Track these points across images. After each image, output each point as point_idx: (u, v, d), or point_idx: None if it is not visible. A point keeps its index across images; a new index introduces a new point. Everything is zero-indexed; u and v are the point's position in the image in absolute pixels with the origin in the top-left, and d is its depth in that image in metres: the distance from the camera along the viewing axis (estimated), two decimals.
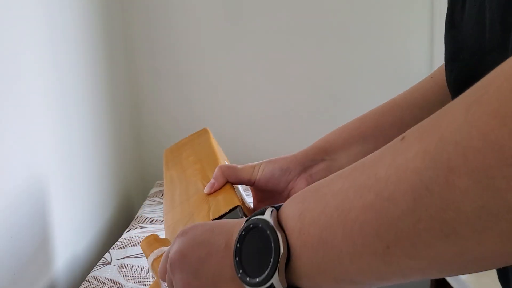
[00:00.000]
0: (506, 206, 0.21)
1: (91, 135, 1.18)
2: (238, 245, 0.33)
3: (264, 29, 1.60)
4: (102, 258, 0.95)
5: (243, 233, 0.32)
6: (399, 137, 0.26)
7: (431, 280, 1.51)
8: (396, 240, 0.24)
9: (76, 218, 1.06)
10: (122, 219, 1.43)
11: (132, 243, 1.00)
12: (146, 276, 0.84)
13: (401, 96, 0.56)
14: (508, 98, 0.21)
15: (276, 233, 0.30)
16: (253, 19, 1.60)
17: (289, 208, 0.31)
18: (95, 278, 0.86)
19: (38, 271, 0.85)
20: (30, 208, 0.83)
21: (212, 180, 0.53)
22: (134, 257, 0.92)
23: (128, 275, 0.86)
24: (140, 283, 0.82)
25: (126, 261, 0.92)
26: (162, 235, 1.07)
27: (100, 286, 0.83)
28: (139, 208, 1.38)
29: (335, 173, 0.30)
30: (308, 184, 0.53)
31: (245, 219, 0.34)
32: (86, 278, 0.87)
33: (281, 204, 0.33)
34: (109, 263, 0.91)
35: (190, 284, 0.35)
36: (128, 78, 1.59)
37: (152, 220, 1.15)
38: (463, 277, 1.18)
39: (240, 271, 0.32)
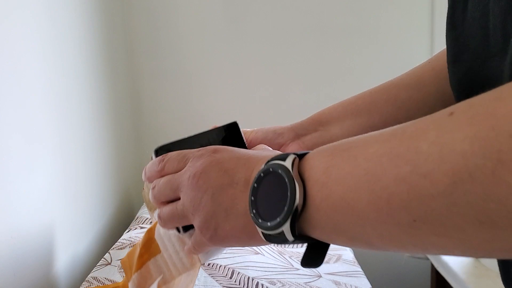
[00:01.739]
0: None
1: (91, 135, 1.18)
2: (255, 185, 0.33)
3: (266, 30, 1.60)
4: (102, 259, 0.95)
5: (261, 174, 0.32)
6: (446, 111, 0.24)
7: (431, 280, 1.51)
8: (425, 217, 0.23)
9: (76, 219, 1.06)
10: (122, 219, 1.43)
11: (132, 244, 1.00)
12: None
13: (398, 77, 0.57)
14: None
15: (294, 183, 0.29)
16: (254, 20, 1.60)
17: (315, 159, 0.30)
18: (95, 278, 0.86)
19: (38, 272, 0.85)
20: (30, 208, 0.83)
21: None
22: None
23: None
24: None
25: None
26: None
27: None
28: (139, 208, 1.39)
29: (369, 134, 0.28)
30: (299, 150, 0.55)
31: (269, 156, 0.34)
32: (86, 279, 0.87)
33: (304, 152, 0.32)
34: (109, 264, 0.91)
35: (200, 204, 0.36)
36: (128, 78, 1.59)
37: (152, 221, 1.15)
38: (463, 277, 1.18)
39: (254, 211, 0.32)
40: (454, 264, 1.25)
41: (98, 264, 0.93)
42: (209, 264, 0.86)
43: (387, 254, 1.72)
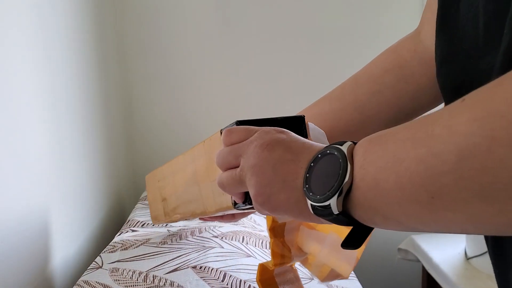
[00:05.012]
0: None
1: (83, 138, 1.18)
2: (312, 164, 0.36)
3: (259, 32, 1.60)
4: (93, 262, 0.94)
5: (319, 155, 0.36)
6: (461, 98, 0.27)
7: (422, 282, 1.52)
8: (439, 193, 0.26)
9: (67, 222, 1.05)
10: (114, 222, 1.42)
11: (124, 247, 0.99)
12: (137, 280, 0.84)
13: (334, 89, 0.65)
14: None
15: (347, 162, 0.33)
16: (247, 21, 1.60)
17: (359, 145, 0.34)
18: (86, 282, 0.85)
19: (29, 276, 0.84)
20: (20, 211, 0.82)
21: None
22: (126, 261, 0.92)
23: (119, 279, 0.85)
24: (132, 287, 0.82)
25: (117, 265, 0.91)
26: (154, 239, 1.06)
27: None
28: (130, 211, 1.38)
29: (403, 123, 0.32)
30: None
31: (325, 145, 0.37)
32: (77, 283, 0.86)
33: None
34: (100, 267, 0.91)
35: (260, 171, 0.39)
36: (120, 81, 1.59)
37: (144, 224, 1.15)
38: (454, 279, 1.18)
39: (306, 185, 0.35)
40: (444, 266, 1.26)
41: (89, 268, 0.92)
42: (200, 267, 0.86)
43: (379, 257, 1.73)
